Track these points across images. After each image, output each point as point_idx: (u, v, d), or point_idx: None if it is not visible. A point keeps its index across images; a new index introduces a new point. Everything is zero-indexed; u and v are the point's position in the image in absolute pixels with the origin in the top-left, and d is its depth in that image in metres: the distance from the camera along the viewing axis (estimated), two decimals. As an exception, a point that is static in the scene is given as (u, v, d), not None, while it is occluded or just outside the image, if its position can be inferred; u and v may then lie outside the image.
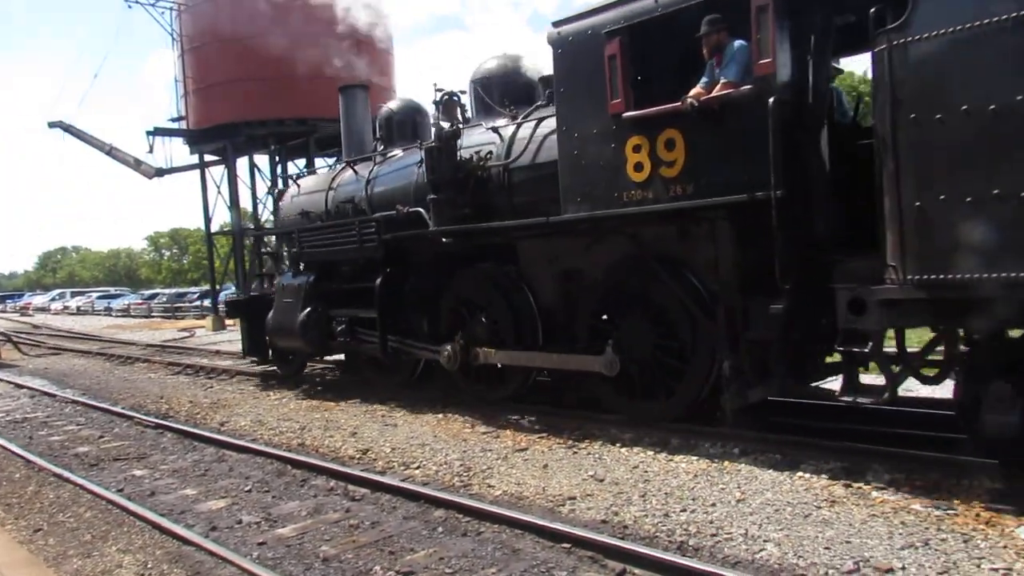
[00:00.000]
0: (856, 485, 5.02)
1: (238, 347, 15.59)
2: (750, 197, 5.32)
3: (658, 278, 6.40)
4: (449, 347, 8.11)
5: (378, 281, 8.80)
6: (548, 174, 7.09)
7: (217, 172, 24.53)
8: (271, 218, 21.66)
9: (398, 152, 9.49)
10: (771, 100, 5.12)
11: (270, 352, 11.14)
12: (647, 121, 5.89)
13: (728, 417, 5.93)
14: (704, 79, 5.66)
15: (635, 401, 6.75)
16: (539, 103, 7.94)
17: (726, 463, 5.70)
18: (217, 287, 26.76)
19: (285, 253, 10.99)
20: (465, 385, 8.43)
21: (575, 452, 6.30)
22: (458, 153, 8.01)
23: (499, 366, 7.90)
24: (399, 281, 8.94)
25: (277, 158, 22.32)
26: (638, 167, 6.01)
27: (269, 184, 22.88)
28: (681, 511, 4.74)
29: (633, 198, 6.08)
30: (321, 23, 18.87)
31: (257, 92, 20.71)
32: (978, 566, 3.77)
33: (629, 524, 4.57)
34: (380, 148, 9.91)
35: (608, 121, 6.15)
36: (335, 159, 11.55)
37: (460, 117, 8.92)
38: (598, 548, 4.16)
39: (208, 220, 24.64)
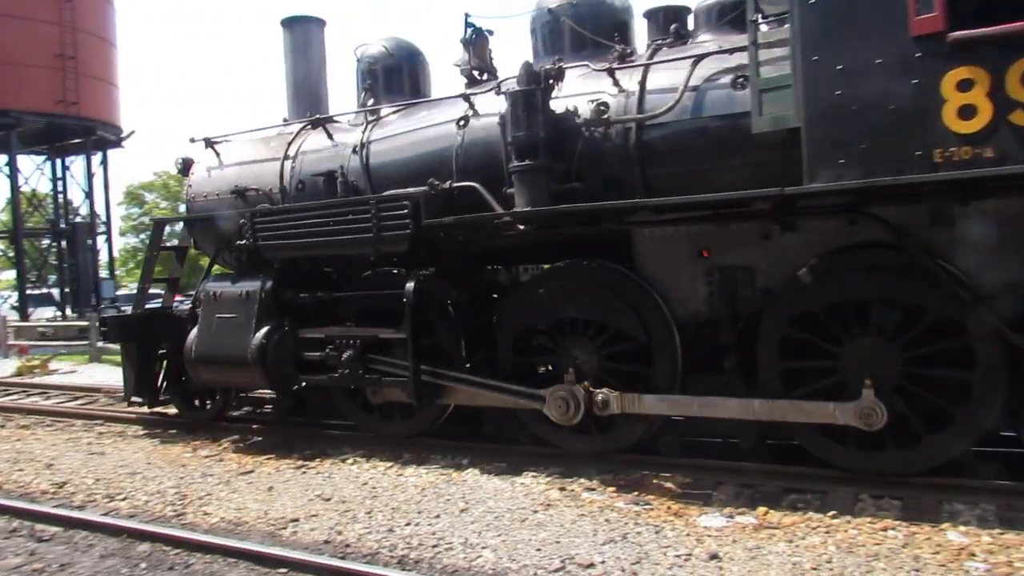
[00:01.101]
0: (570, 488, 5.47)
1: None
2: None
3: (922, 278, 4.79)
4: (561, 391, 5.65)
5: (409, 286, 6.10)
6: (713, 132, 5.39)
7: None
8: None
9: (389, 113, 7.16)
10: None
11: (163, 390, 7.97)
12: (992, 44, 4.05)
13: None
14: None
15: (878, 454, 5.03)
16: (659, 40, 6.07)
17: (454, 474, 5.91)
18: None
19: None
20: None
21: (304, 472, 6.23)
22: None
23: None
24: (430, 288, 6.27)
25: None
26: (966, 112, 4.15)
27: None
28: (406, 525, 4.88)
29: (955, 157, 4.16)
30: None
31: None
32: (665, 554, 4.24)
33: (352, 542, 4.63)
34: (370, 103, 7.18)
35: (908, 47, 4.26)
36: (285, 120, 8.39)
37: (490, 62, 6.95)
38: (316, 570, 4.19)
39: None
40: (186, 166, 8.17)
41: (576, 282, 5.99)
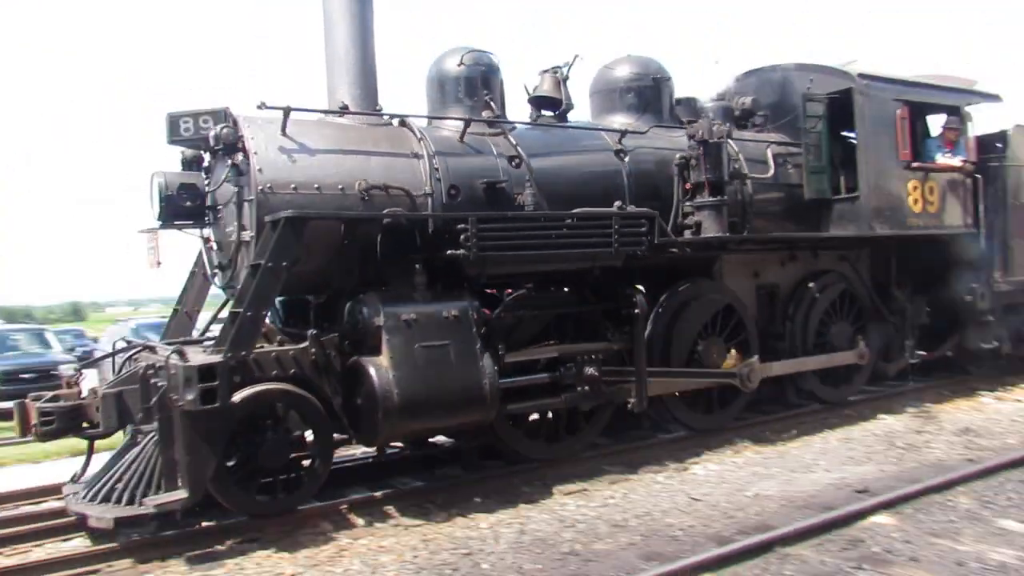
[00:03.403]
0: None
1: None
2: (965, 232, 9.20)
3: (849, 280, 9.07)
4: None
5: (640, 299, 7.03)
6: (785, 194, 8.60)
7: None
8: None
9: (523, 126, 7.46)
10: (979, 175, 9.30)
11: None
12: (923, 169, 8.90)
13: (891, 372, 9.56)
14: (938, 155, 9.17)
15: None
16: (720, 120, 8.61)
17: None
18: None
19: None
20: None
21: None
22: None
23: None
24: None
25: None
26: (915, 202, 8.81)
27: None
28: None
29: (911, 224, 8.76)
30: None
31: None
32: None
33: None
34: (484, 113, 7.15)
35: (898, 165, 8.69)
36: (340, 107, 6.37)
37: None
38: None
39: None
40: (231, 142, 5.68)
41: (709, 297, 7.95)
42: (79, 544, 5.65)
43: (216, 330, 6.25)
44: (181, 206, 5.98)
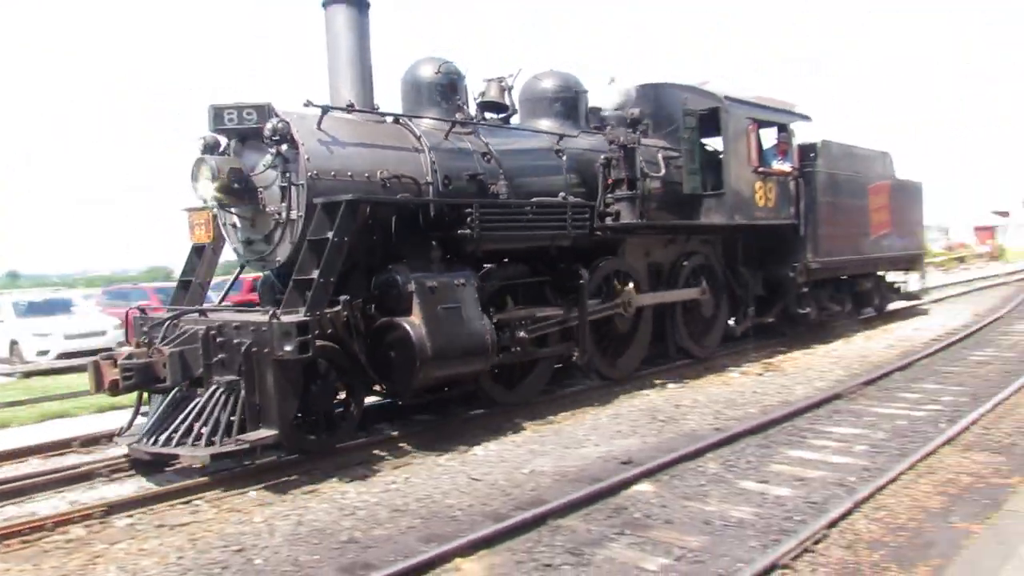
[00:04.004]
0: None
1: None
2: (790, 223, 12.02)
3: (710, 259, 11.55)
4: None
5: (584, 272, 8.86)
6: (669, 189, 10.78)
7: None
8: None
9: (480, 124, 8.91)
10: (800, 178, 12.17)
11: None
12: (769, 173, 11.53)
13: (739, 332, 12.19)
14: (774, 162, 11.83)
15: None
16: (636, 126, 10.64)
17: None
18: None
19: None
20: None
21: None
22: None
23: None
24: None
25: None
26: (763, 199, 11.41)
27: None
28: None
29: (757, 216, 11.36)
30: None
31: None
32: None
33: None
34: (458, 115, 8.52)
35: (750, 170, 11.24)
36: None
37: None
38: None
39: None
40: (285, 134, 6.64)
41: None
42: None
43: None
44: (229, 187, 6.80)
